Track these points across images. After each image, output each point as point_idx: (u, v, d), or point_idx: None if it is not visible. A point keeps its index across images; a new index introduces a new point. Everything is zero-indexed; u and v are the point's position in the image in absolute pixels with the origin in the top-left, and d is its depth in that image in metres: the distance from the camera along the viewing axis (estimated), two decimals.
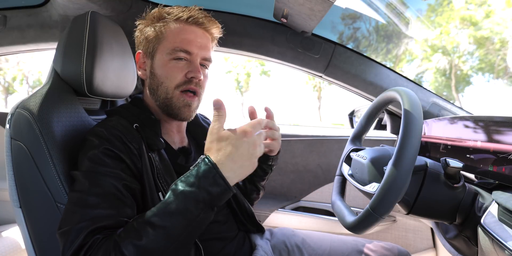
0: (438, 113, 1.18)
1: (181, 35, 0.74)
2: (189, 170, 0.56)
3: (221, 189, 0.54)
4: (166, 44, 0.75)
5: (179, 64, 0.74)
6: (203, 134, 0.89)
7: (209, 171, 0.54)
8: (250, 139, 0.56)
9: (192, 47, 0.74)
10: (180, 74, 0.74)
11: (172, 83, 0.74)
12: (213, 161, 0.55)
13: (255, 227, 0.91)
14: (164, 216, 0.53)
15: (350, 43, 1.76)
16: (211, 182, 0.53)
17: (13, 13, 1.19)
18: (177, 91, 0.74)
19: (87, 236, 0.54)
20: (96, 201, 0.58)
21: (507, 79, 13.58)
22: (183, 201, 0.53)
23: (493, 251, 0.54)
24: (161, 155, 0.73)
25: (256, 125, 0.59)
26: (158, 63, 0.75)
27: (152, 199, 0.66)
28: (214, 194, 0.53)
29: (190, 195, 0.53)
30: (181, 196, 0.53)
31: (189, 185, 0.54)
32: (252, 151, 0.56)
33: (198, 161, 0.56)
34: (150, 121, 0.75)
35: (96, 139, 0.66)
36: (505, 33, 11.93)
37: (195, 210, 0.53)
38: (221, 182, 0.53)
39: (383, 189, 0.54)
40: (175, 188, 0.55)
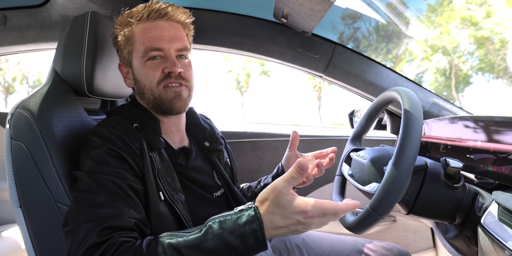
0: (438, 113, 1.18)
1: (147, 34, 0.72)
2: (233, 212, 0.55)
3: (258, 245, 0.52)
4: (137, 48, 0.73)
5: (154, 63, 0.73)
6: (203, 135, 0.89)
7: (252, 223, 0.52)
8: (305, 221, 0.51)
9: (161, 42, 0.72)
10: (158, 71, 0.73)
11: (152, 82, 0.73)
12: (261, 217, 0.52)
13: None
14: (194, 250, 0.52)
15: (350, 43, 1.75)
16: (250, 234, 0.52)
17: (13, 13, 1.19)
18: (160, 87, 0.73)
19: (98, 235, 0.54)
20: (103, 201, 0.59)
21: (507, 79, 13.58)
22: (218, 243, 0.52)
23: (493, 251, 0.54)
24: (161, 155, 0.73)
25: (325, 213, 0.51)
26: (136, 68, 0.75)
27: (154, 199, 0.66)
28: (249, 246, 0.52)
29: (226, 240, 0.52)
30: (217, 238, 0.52)
31: (228, 231, 0.52)
32: (301, 229, 0.52)
33: (244, 208, 0.54)
34: (150, 121, 0.75)
35: (98, 139, 0.66)
36: (505, 33, 11.93)
37: (224, 255, 0.52)
38: (260, 239, 0.52)
39: (383, 189, 0.54)
40: (212, 226, 0.54)
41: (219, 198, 0.83)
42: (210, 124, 0.94)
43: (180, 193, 0.72)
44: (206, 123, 0.93)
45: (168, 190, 0.69)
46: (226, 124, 1.66)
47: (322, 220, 0.52)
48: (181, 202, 0.71)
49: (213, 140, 0.89)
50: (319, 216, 0.51)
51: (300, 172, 0.51)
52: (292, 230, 0.53)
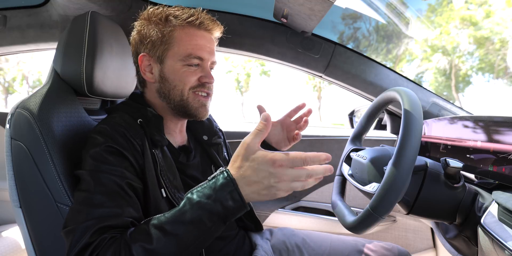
0: (438, 113, 1.18)
1: (193, 40, 0.74)
2: (207, 180, 0.56)
3: (237, 205, 0.52)
4: (177, 50, 0.73)
5: (191, 69, 0.75)
6: (201, 128, 0.90)
7: (226, 186, 0.52)
8: (275, 171, 0.51)
9: (204, 53, 0.75)
10: (194, 77, 0.75)
11: (186, 86, 0.75)
12: (233, 176, 0.53)
13: (253, 224, 0.91)
14: (177, 224, 0.53)
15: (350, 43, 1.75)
16: (227, 197, 0.52)
17: (13, 13, 1.19)
18: (191, 92, 0.75)
19: (93, 235, 0.54)
20: (101, 200, 0.59)
21: (507, 79, 13.58)
22: (198, 211, 0.53)
23: (493, 251, 0.54)
24: (164, 152, 0.73)
25: (294, 160, 0.51)
26: (170, 68, 0.74)
27: (154, 196, 0.67)
28: (229, 209, 0.52)
29: (205, 207, 0.52)
30: (196, 206, 0.53)
31: (205, 197, 0.53)
32: (274, 183, 0.51)
33: (217, 173, 0.55)
34: (153, 117, 0.75)
35: (99, 136, 0.66)
36: (505, 33, 11.93)
37: (208, 222, 0.53)
38: (238, 199, 0.52)
39: (383, 189, 0.54)
40: (191, 197, 0.54)
41: None
42: (209, 117, 0.94)
43: (182, 191, 0.72)
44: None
45: (170, 188, 0.69)
46: (226, 124, 1.66)
47: (293, 173, 0.51)
48: (182, 200, 0.70)
49: (212, 134, 0.90)
50: (288, 165, 0.51)
51: (265, 123, 0.54)
52: (266, 185, 0.51)
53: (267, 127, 0.54)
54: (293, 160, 0.51)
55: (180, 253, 0.53)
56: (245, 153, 0.53)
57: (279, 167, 0.51)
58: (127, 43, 0.92)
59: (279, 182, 0.51)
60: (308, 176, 0.52)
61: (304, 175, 0.52)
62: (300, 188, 0.53)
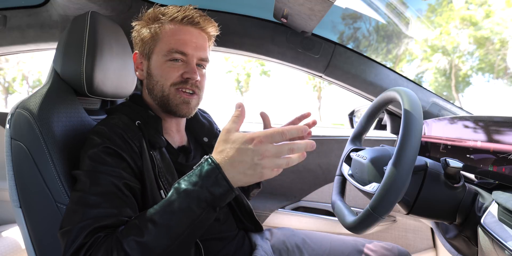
0: (438, 113, 1.18)
1: (176, 36, 0.74)
2: (193, 169, 0.55)
3: (224, 190, 0.52)
4: (161, 46, 0.75)
5: (175, 65, 0.74)
6: (201, 130, 0.90)
7: (212, 171, 0.52)
8: (256, 148, 0.50)
9: (187, 48, 0.74)
10: (176, 73, 0.74)
11: (167, 81, 0.74)
12: (217, 161, 0.53)
13: (253, 225, 0.91)
14: (166, 214, 0.53)
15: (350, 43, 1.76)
16: (213, 182, 0.52)
17: (13, 13, 1.19)
18: (173, 88, 0.75)
19: (88, 235, 0.54)
20: (97, 201, 0.59)
21: (507, 79, 13.58)
22: (186, 199, 0.52)
23: (493, 251, 0.54)
24: (162, 154, 0.73)
25: (272, 135, 0.50)
26: (155, 64, 0.76)
27: (153, 198, 0.67)
28: (216, 194, 0.52)
29: (193, 194, 0.52)
30: (183, 194, 0.53)
31: (192, 184, 0.53)
32: (257, 161, 0.50)
33: (202, 161, 0.55)
34: (151, 119, 0.75)
35: (97, 137, 0.66)
36: (505, 33, 11.93)
37: (197, 209, 0.52)
38: (224, 183, 0.52)
39: (383, 189, 0.54)
40: (178, 186, 0.54)
41: None
42: (209, 119, 0.94)
43: None
44: (204, 118, 0.93)
45: (169, 189, 0.69)
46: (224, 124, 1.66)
47: (274, 148, 0.50)
48: None
49: (212, 136, 0.90)
50: (267, 140, 0.50)
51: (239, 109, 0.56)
52: (249, 163, 0.51)
53: (242, 113, 0.56)
54: (272, 135, 0.50)
55: (172, 243, 0.52)
56: (225, 137, 0.54)
57: (259, 143, 0.50)
58: (127, 43, 0.92)
59: (262, 159, 0.50)
60: (290, 150, 0.51)
61: (286, 149, 0.51)
62: (284, 165, 0.52)
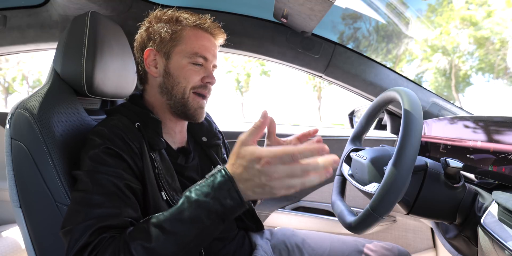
0: (438, 113, 1.18)
1: (200, 41, 0.78)
2: (205, 178, 0.55)
3: (235, 203, 0.51)
4: (184, 47, 0.76)
5: (195, 68, 0.77)
6: (200, 130, 0.90)
7: (224, 184, 0.51)
8: (263, 169, 0.48)
9: (209, 54, 0.79)
10: (198, 77, 0.78)
11: (189, 84, 0.77)
12: (230, 174, 0.52)
13: (254, 224, 0.91)
14: (176, 222, 0.53)
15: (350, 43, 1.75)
16: (226, 195, 0.51)
17: (13, 13, 1.19)
18: (192, 92, 0.78)
19: (92, 234, 0.55)
20: (100, 201, 0.59)
21: (507, 79, 13.57)
22: (196, 210, 0.52)
23: (493, 251, 0.54)
24: (162, 155, 0.73)
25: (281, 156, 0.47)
26: (175, 64, 0.77)
27: (154, 199, 0.67)
28: (227, 207, 0.51)
29: (204, 205, 0.52)
30: (194, 204, 0.52)
31: (203, 195, 0.52)
32: (266, 182, 0.48)
33: (215, 172, 0.54)
34: (151, 121, 0.75)
35: (98, 138, 0.66)
36: (505, 33, 11.93)
37: (207, 220, 0.52)
38: (236, 197, 0.51)
39: (383, 189, 0.54)
40: (189, 195, 0.54)
41: None
42: (208, 118, 0.94)
43: (180, 193, 0.72)
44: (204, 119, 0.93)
45: (169, 191, 0.69)
46: (226, 124, 1.66)
47: (284, 170, 0.47)
48: None
49: (211, 135, 0.90)
50: (276, 161, 0.47)
51: (261, 120, 0.53)
52: (257, 183, 0.49)
53: (263, 124, 0.53)
54: (281, 156, 0.47)
55: (179, 251, 0.53)
56: (238, 150, 0.52)
57: (267, 164, 0.47)
58: (127, 43, 0.92)
59: (270, 180, 0.48)
60: (304, 171, 0.47)
61: (299, 170, 0.47)
62: (299, 186, 0.48)
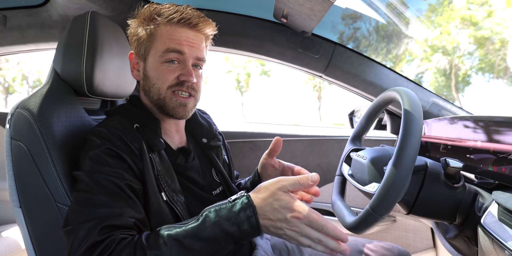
0: (438, 113, 1.18)
1: (171, 36, 0.73)
2: (228, 201, 0.58)
3: (253, 231, 0.55)
4: (157, 46, 0.73)
5: (171, 67, 0.73)
6: (201, 131, 0.89)
7: (246, 210, 0.55)
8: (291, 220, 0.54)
9: (183, 46, 0.73)
10: (172, 76, 0.73)
11: (164, 85, 0.73)
12: (254, 203, 0.55)
13: None
14: (194, 239, 0.55)
15: (350, 43, 1.76)
16: (245, 221, 0.55)
17: (13, 13, 1.19)
18: (169, 91, 0.74)
19: (99, 233, 0.55)
20: (102, 201, 0.59)
21: (507, 79, 13.57)
22: (215, 231, 0.55)
23: (493, 251, 0.54)
24: (161, 156, 0.73)
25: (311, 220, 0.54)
26: (151, 65, 0.75)
27: (155, 199, 0.67)
28: (244, 234, 0.55)
29: (223, 227, 0.55)
30: (214, 226, 0.55)
31: (224, 218, 0.55)
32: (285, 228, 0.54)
33: (238, 196, 0.58)
34: (150, 121, 0.75)
35: (98, 139, 0.66)
36: (505, 33, 11.92)
37: (222, 242, 0.55)
38: (255, 225, 0.55)
39: (383, 189, 0.54)
40: (209, 215, 0.56)
41: (218, 197, 0.83)
42: (208, 120, 0.94)
43: (180, 194, 0.72)
44: (204, 119, 0.92)
45: (168, 192, 0.69)
46: (226, 124, 1.66)
47: (305, 230, 0.54)
48: (181, 203, 0.71)
49: (211, 137, 0.89)
50: (304, 221, 0.54)
51: (311, 183, 0.56)
52: (277, 226, 0.54)
53: (308, 186, 0.56)
54: (311, 220, 0.54)
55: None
56: (275, 190, 0.56)
57: (296, 218, 0.53)
58: (127, 43, 0.92)
59: (289, 229, 0.54)
60: (318, 241, 0.54)
61: (315, 237, 0.54)
62: (306, 246, 0.55)
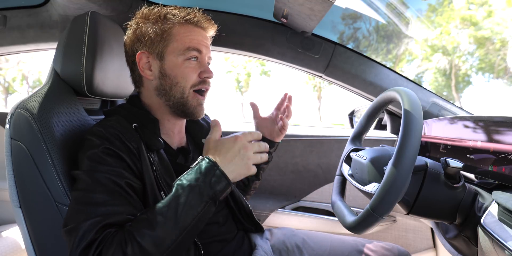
0: (438, 113, 1.18)
1: (191, 35, 0.76)
2: (190, 168, 0.63)
3: (223, 184, 0.61)
4: (176, 45, 0.75)
5: (191, 65, 0.76)
6: (200, 132, 0.90)
7: (210, 168, 0.61)
8: (240, 142, 0.65)
9: (202, 46, 0.77)
10: (195, 74, 0.77)
11: (188, 83, 0.76)
12: (213, 159, 0.63)
13: (254, 226, 0.91)
14: (174, 208, 0.58)
15: (350, 43, 1.76)
16: (213, 177, 0.61)
17: (13, 13, 1.19)
18: (192, 91, 0.77)
19: (98, 231, 0.56)
20: (102, 199, 0.59)
21: (507, 79, 13.56)
22: (190, 194, 0.59)
23: (493, 251, 0.54)
24: (160, 155, 0.73)
25: (244, 134, 0.67)
26: (170, 64, 0.75)
27: (154, 198, 0.67)
28: (216, 188, 0.61)
29: (196, 189, 0.60)
30: (188, 189, 0.60)
31: (194, 180, 0.60)
32: (243, 152, 0.65)
33: (199, 161, 0.64)
34: (149, 121, 0.75)
35: (96, 138, 0.66)
36: (505, 33, 11.92)
37: (200, 202, 0.59)
38: (222, 178, 0.61)
39: (383, 189, 0.54)
40: (180, 183, 0.61)
41: None
42: (208, 121, 0.94)
43: None
44: (203, 120, 0.93)
45: (168, 191, 0.69)
46: (226, 124, 1.66)
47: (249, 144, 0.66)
48: None
49: None
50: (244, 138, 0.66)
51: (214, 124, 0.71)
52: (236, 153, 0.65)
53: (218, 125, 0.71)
54: (244, 134, 0.67)
55: (179, 234, 0.58)
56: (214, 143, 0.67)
57: (240, 139, 0.66)
58: None
59: (246, 151, 0.65)
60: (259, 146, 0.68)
61: (256, 147, 0.67)
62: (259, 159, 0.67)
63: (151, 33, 0.75)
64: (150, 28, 0.75)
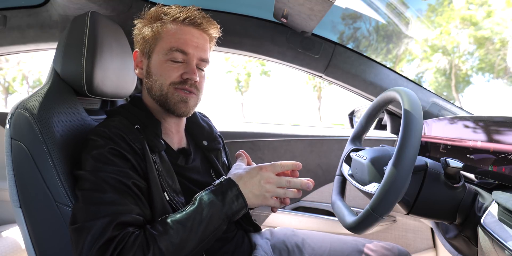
0: (438, 113, 1.18)
1: (177, 35, 0.74)
2: (212, 185, 0.67)
3: (240, 206, 0.65)
4: (162, 45, 0.74)
5: (175, 65, 0.74)
6: (202, 134, 0.89)
7: (231, 190, 0.65)
8: (264, 174, 0.67)
9: (188, 47, 0.74)
10: (176, 73, 0.74)
11: (166, 81, 0.74)
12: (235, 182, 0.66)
13: (252, 227, 0.91)
14: (198, 221, 0.61)
15: (350, 43, 1.76)
16: (232, 198, 0.64)
17: (13, 13, 1.19)
18: (171, 87, 0.74)
19: (114, 229, 0.56)
20: (112, 198, 0.60)
21: (507, 79, 13.56)
22: (210, 210, 0.62)
23: (493, 251, 0.54)
24: (161, 157, 0.73)
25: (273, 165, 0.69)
26: (155, 63, 0.75)
27: (159, 198, 0.67)
28: (234, 209, 0.64)
29: (217, 207, 0.63)
30: (209, 206, 0.63)
31: (215, 198, 0.63)
32: (263, 184, 0.67)
33: (221, 180, 0.67)
34: (150, 122, 0.75)
35: (100, 138, 0.66)
36: (505, 33, 11.91)
37: (218, 220, 0.63)
38: (241, 200, 0.65)
39: (383, 189, 0.54)
40: (202, 198, 0.64)
41: None
42: (209, 123, 0.94)
43: (180, 194, 0.73)
44: (204, 122, 0.93)
45: (169, 192, 0.70)
46: (226, 124, 1.66)
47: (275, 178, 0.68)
48: (182, 204, 0.71)
49: (211, 139, 0.89)
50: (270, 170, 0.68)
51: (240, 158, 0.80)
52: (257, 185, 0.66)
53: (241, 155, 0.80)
54: (273, 165, 0.69)
55: (197, 246, 0.61)
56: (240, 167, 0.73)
57: (265, 170, 0.68)
58: (127, 43, 0.92)
59: (266, 183, 0.67)
60: (288, 182, 0.68)
61: (284, 181, 0.68)
62: (282, 195, 0.68)
63: (144, 33, 0.77)
64: (146, 28, 0.77)
